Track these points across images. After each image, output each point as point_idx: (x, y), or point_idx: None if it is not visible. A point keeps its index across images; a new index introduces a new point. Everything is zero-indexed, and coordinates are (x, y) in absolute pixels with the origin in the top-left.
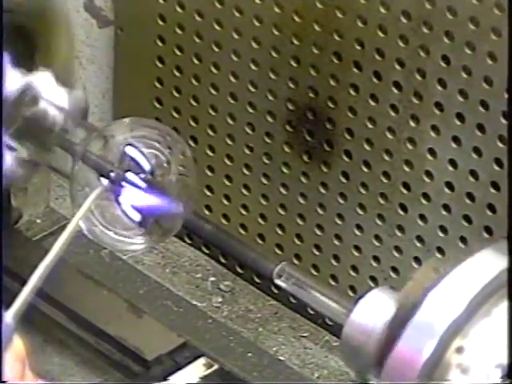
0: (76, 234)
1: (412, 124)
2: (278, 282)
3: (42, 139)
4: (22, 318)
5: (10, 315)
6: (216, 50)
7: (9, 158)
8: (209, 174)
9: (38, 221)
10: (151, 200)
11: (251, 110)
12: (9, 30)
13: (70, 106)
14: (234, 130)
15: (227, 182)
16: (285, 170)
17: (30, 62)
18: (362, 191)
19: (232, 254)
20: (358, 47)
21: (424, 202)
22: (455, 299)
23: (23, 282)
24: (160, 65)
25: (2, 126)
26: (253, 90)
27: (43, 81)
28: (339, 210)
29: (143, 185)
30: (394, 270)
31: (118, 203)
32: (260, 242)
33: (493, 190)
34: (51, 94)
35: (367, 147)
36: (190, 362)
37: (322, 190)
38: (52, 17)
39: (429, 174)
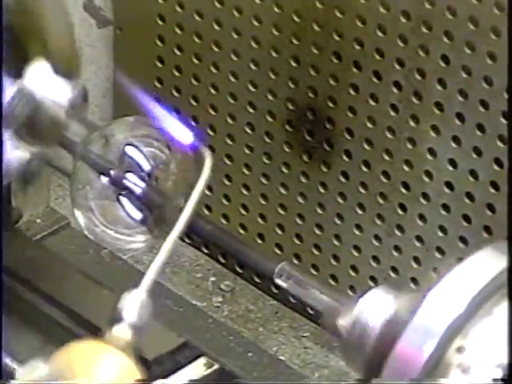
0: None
1: (412, 124)
2: (279, 281)
3: (42, 137)
4: (21, 318)
5: (142, 292)
6: (216, 49)
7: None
8: None
9: (38, 220)
10: (151, 199)
11: (251, 110)
12: None
13: (69, 96)
14: (233, 129)
15: (227, 182)
16: (284, 170)
17: (21, 64)
18: (362, 191)
19: (232, 253)
20: (358, 47)
21: (423, 201)
22: (455, 299)
23: (23, 282)
24: (160, 65)
25: (1, 126)
26: (253, 89)
27: (39, 73)
28: (339, 210)
29: (143, 184)
30: (394, 269)
31: (119, 202)
32: (260, 241)
33: (492, 190)
34: (48, 86)
35: (367, 147)
36: (190, 362)
37: (322, 190)
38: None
39: (428, 173)
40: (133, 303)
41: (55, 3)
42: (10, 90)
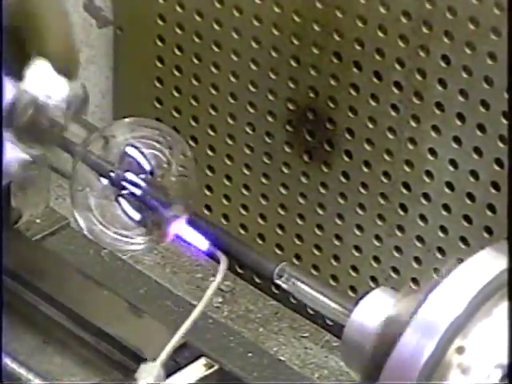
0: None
1: (413, 124)
2: (279, 282)
3: (42, 139)
4: (21, 318)
5: (159, 364)
6: (216, 49)
7: (11, 157)
8: (209, 173)
9: (38, 221)
10: (151, 200)
11: (251, 110)
12: None
13: (69, 96)
14: (234, 129)
15: (227, 182)
16: (285, 170)
17: (22, 65)
18: (363, 191)
19: (232, 254)
20: (358, 47)
21: (424, 202)
22: (456, 299)
23: (23, 282)
24: (160, 65)
25: (1, 126)
26: (253, 89)
27: (39, 73)
28: (339, 210)
29: (143, 185)
30: (395, 270)
31: (118, 203)
32: (260, 242)
33: (493, 190)
34: (48, 87)
35: (368, 147)
36: (190, 363)
37: (322, 190)
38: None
39: (429, 174)
40: (148, 374)
41: (54, 3)
42: (10, 91)
